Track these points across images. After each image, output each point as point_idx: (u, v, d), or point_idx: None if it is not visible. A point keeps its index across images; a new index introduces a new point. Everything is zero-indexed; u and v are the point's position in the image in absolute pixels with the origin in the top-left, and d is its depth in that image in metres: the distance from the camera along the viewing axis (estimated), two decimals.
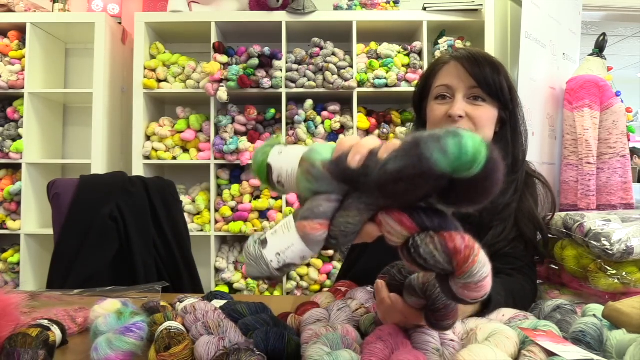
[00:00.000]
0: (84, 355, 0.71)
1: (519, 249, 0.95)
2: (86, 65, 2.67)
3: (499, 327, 0.62)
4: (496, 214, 0.94)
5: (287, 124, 2.51)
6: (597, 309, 0.72)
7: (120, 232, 1.44)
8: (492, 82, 0.93)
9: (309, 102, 2.51)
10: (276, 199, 2.51)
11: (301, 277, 2.47)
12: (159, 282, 1.08)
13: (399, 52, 2.54)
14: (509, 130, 0.99)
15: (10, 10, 2.52)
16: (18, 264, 2.48)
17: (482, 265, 0.49)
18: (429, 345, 0.61)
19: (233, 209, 2.50)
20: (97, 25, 2.46)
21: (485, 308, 0.75)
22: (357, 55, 2.51)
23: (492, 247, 0.91)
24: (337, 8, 2.59)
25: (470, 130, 0.89)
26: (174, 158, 2.53)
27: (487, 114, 0.95)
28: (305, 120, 2.52)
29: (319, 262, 2.46)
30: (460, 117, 0.92)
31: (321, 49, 2.49)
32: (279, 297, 2.22)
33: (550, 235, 1.02)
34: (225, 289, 2.42)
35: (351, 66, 2.48)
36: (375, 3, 2.58)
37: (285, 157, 0.61)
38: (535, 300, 0.91)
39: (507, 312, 0.74)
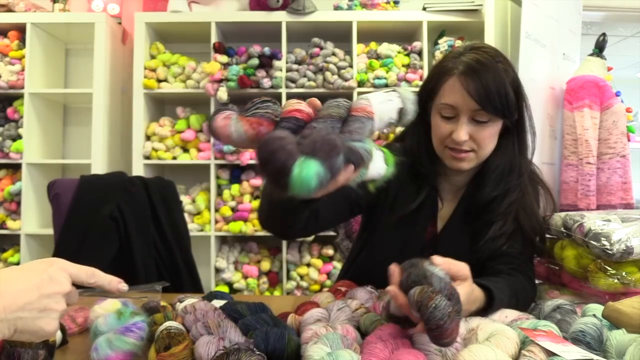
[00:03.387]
0: (84, 355, 0.71)
1: (517, 247, 0.95)
2: (86, 65, 2.66)
3: (499, 328, 0.62)
4: (499, 211, 0.95)
5: None
6: (597, 309, 0.72)
7: (120, 232, 1.44)
8: (498, 103, 0.89)
9: None
10: None
11: (301, 277, 2.47)
12: (159, 282, 1.08)
13: (399, 52, 2.54)
14: (515, 135, 0.98)
15: (10, 10, 2.52)
16: (18, 264, 2.48)
17: None
18: (432, 345, 0.61)
19: (233, 209, 2.50)
20: (97, 25, 2.46)
21: (488, 307, 0.75)
22: (357, 55, 2.51)
23: (492, 243, 0.93)
24: (337, 8, 2.59)
25: (473, 149, 0.94)
26: (174, 158, 2.53)
27: (491, 132, 0.93)
28: None
29: (319, 262, 2.46)
30: (465, 140, 0.92)
31: (321, 49, 2.49)
32: (279, 297, 2.22)
33: (550, 236, 1.02)
34: (225, 289, 2.42)
35: (351, 66, 2.48)
36: (375, 3, 2.58)
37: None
38: (535, 299, 0.91)
39: (510, 314, 0.74)
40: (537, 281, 1.05)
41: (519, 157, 0.98)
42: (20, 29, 2.50)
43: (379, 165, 0.66)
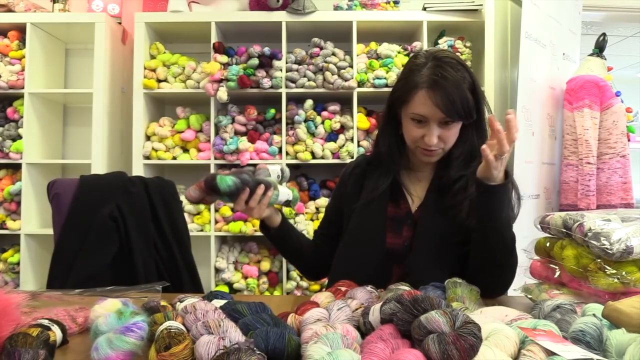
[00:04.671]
0: (84, 354, 0.71)
1: None
2: (86, 65, 2.67)
3: (498, 327, 0.62)
4: (470, 190, 1.08)
5: (287, 124, 2.51)
6: (596, 308, 0.72)
7: (120, 232, 1.44)
8: (462, 111, 1.04)
9: (309, 102, 2.51)
10: None
11: (301, 277, 2.47)
12: (159, 282, 1.08)
13: (399, 52, 2.54)
14: (473, 125, 1.12)
15: (10, 10, 2.52)
16: (18, 264, 2.48)
17: None
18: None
19: (233, 209, 2.50)
20: (97, 25, 2.46)
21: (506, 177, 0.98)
22: (357, 55, 2.51)
23: (469, 221, 1.07)
24: (337, 8, 2.59)
25: (441, 147, 1.09)
26: (174, 158, 2.53)
27: (455, 131, 1.09)
28: (305, 120, 2.52)
29: None
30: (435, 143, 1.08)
31: (321, 49, 2.49)
32: (279, 297, 2.22)
33: (550, 235, 1.02)
34: (225, 289, 2.42)
35: (351, 66, 2.48)
36: (375, 3, 2.59)
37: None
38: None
39: (510, 313, 0.74)
40: (536, 281, 1.05)
41: (479, 143, 1.09)
42: (20, 29, 2.50)
43: (286, 192, 1.14)
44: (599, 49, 2.49)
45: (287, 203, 1.16)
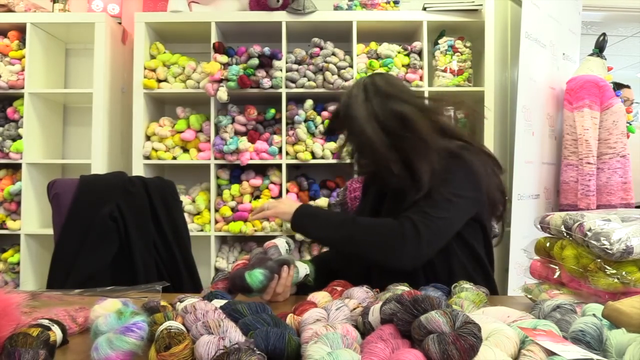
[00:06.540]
0: (84, 354, 0.71)
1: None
2: (86, 65, 2.67)
3: (498, 327, 0.62)
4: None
5: (287, 124, 2.51)
6: (596, 308, 0.72)
7: (120, 232, 1.44)
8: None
9: (309, 102, 2.51)
10: (276, 199, 2.51)
11: None
12: (159, 282, 1.08)
13: (399, 52, 2.54)
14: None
15: (10, 10, 2.52)
16: (18, 264, 2.47)
17: None
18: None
19: (233, 209, 2.50)
20: (97, 25, 2.46)
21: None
22: (357, 55, 2.51)
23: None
24: (337, 8, 2.59)
25: None
26: (174, 158, 2.53)
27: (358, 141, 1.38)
28: (305, 120, 2.52)
29: None
30: None
31: (321, 49, 2.49)
32: None
33: (550, 235, 1.02)
34: None
35: (351, 66, 2.48)
36: (375, 3, 2.58)
37: None
38: (404, 240, 1.01)
39: (512, 314, 0.74)
40: (536, 281, 1.05)
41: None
42: (20, 29, 2.50)
43: (303, 267, 1.14)
44: (599, 49, 2.49)
45: (306, 277, 1.14)
